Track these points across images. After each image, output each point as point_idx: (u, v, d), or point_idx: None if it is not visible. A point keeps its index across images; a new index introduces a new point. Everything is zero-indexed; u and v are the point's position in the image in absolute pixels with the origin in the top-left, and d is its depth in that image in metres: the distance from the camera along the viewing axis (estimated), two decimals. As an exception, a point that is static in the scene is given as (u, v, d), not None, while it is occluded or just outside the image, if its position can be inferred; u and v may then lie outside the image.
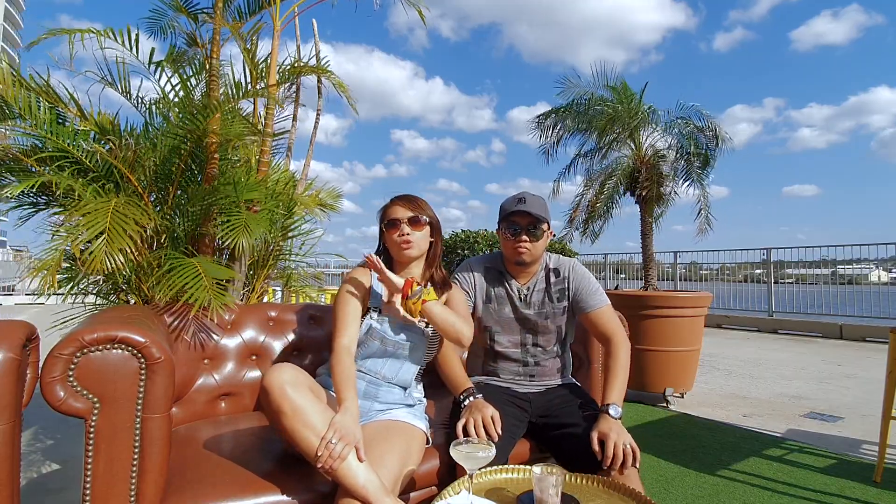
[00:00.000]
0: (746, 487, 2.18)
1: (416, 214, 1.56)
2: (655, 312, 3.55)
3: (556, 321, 1.74)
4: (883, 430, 2.22)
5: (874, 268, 9.56)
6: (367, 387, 1.50)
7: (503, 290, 1.75)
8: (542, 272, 1.77)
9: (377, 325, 1.51)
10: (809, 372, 4.69)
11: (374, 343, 1.51)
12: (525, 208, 1.65)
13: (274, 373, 1.22)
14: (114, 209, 1.71)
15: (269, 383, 1.21)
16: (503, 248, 1.76)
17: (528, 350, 1.74)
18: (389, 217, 1.58)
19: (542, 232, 1.67)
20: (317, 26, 3.04)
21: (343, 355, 1.39)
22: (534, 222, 1.66)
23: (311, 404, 1.21)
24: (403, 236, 1.54)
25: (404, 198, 1.61)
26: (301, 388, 1.22)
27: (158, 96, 2.35)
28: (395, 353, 1.53)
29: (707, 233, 4.70)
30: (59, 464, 2.37)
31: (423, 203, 1.61)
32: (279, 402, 1.18)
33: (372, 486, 1.15)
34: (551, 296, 1.74)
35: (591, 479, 1.24)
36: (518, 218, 1.67)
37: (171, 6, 2.57)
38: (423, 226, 1.58)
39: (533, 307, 1.74)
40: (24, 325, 1.09)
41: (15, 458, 1.02)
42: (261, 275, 2.50)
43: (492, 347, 1.76)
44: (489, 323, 1.75)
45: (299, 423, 1.18)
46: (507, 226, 1.69)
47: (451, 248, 7.74)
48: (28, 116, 1.88)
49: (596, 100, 4.36)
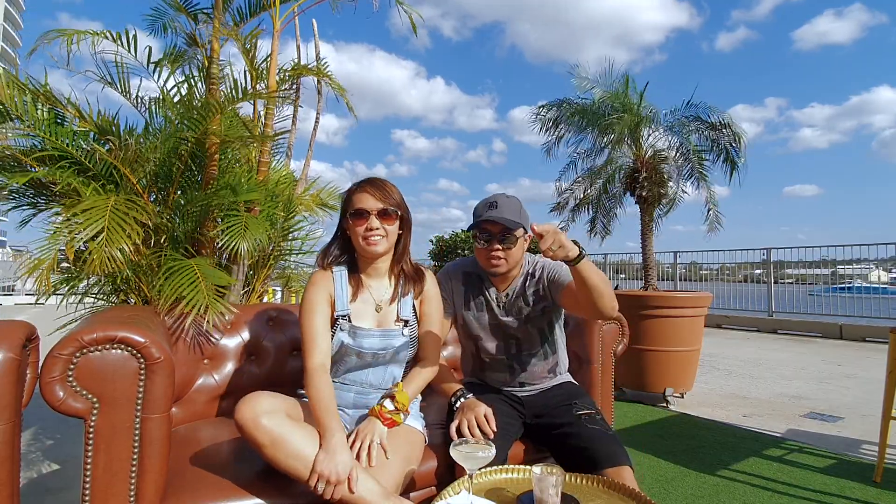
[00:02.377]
0: (746, 487, 2.18)
1: (386, 207, 1.41)
2: (655, 312, 3.55)
3: (538, 324, 1.66)
4: (883, 430, 2.22)
5: (874, 268, 9.55)
6: (356, 397, 1.45)
7: (482, 298, 1.67)
8: (521, 278, 1.67)
9: (349, 341, 1.41)
10: (809, 372, 4.69)
11: (350, 358, 1.43)
12: (496, 215, 1.52)
13: (245, 404, 1.16)
14: (113, 207, 1.70)
15: (240, 417, 1.14)
16: (477, 256, 1.65)
17: (514, 356, 1.67)
18: (356, 206, 1.42)
19: (515, 239, 1.55)
20: (317, 27, 3.04)
21: (317, 377, 1.30)
22: (505, 230, 1.53)
23: (290, 431, 1.15)
24: (372, 231, 1.40)
25: (374, 185, 1.44)
26: (277, 415, 1.16)
27: (158, 96, 2.35)
28: (377, 362, 1.45)
29: (717, 230, 4.72)
30: (59, 464, 2.37)
31: (394, 191, 1.46)
32: (254, 436, 1.13)
33: (370, 493, 1.13)
34: (528, 300, 1.65)
35: (591, 479, 1.24)
36: (489, 226, 1.54)
37: (170, 5, 2.56)
38: (393, 219, 1.44)
39: (512, 314, 1.65)
40: (24, 325, 1.09)
41: (15, 458, 1.02)
42: (261, 275, 2.50)
43: (478, 356, 1.71)
44: (474, 331, 1.69)
45: (281, 454, 1.14)
46: (479, 233, 1.57)
47: (451, 248, 7.74)
48: (26, 118, 1.88)
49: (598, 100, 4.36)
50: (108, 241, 1.61)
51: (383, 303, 1.50)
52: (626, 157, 4.48)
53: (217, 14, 2.32)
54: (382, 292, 1.51)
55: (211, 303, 1.65)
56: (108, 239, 1.62)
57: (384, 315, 1.49)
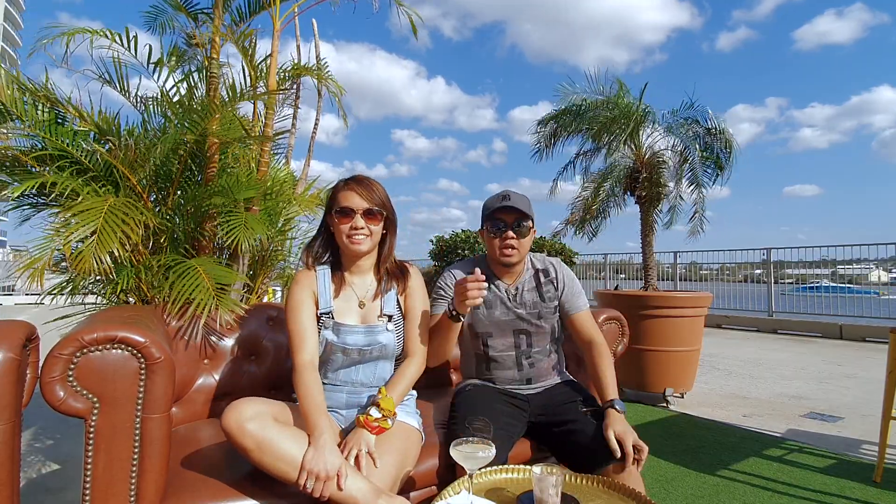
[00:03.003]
0: (746, 487, 2.18)
1: (372, 207, 1.42)
2: (655, 312, 3.55)
3: (549, 320, 1.71)
4: (883, 430, 2.22)
5: (874, 268, 9.55)
6: (348, 397, 1.44)
7: (491, 294, 1.69)
8: (529, 272, 1.74)
9: (333, 338, 1.41)
10: (809, 372, 4.69)
11: (337, 356, 1.42)
12: (510, 204, 1.61)
13: (230, 411, 1.16)
14: (109, 209, 1.70)
15: (226, 424, 1.14)
16: (488, 248, 1.72)
17: (523, 352, 1.69)
18: (342, 204, 1.42)
19: (527, 229, 1.64)
20: (317, 27, 3.04)
21: (305, 374, 1.31)
22: (519, 219, 1.62)
23: (276, 434, 1.15)
24: (357, 230, 1.41)
25: (360, 183, 1.45)
26: (262, 419, 1.16)
27: (157, 95, 2.34)
28: (364, 359, 1.44)
29: (699, 235, 4.71)
30: (59, 464, 2.37)
31: (381, 190, 1.47)
32: (240, 441, 1.13)
33: (361, 493, 1.12)
34: (542, 296, 1.71)
35: (591, 479, 1.24)
36: (503, 215, 1.63)
37: (170, 4, 2.56)
38: (378, 219, 1.45)
39: (525, 307, 1.69)
40: (24, 325, 1.09)
41: (15, 458, 1.02)
42: (260, 274, 2.50)
43: (485, 353, 1.71)
44: (481, 329, 1.70)
45: (268, 457, 1.13)
46: (492, 224, 1.65)
47: (451, 248, 7.73)
48: (26, 118, 1.88)
49: (592, 103, 4.35)
50: (98, 242, 1.61)
51: (366, 299, 1.50)
52: (627, 157, 4.48)
53: (217, 13, 2.32)
54: (365, 289, 1.51)
55: (220, 302, 1.64)
56: (99, 241, 1.61)
57: (368, 311, 1.48)
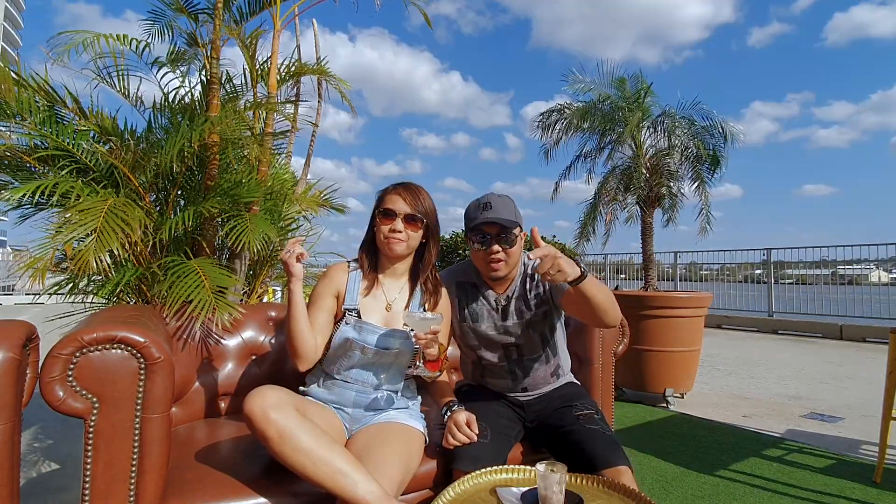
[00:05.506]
0: (746, 487, 2.18)
1: (414, 213, 1.45)
2: (655, 313, 3.55)
3: (540, 328, 1.62)
4: (883, 431, 2.22)
5: (874, 268, 9.55)
6: (356, 396, 1.44)
7: (479, 305, 1.62)
8: (520, 278, 1.63)
9: (354, 335, 1.41)
10: (809, 372, 4.68)
11: (354, 353, 1.43)
12: (492, 216, 1.47)
13: (254, 397, 1.16)
14: (109, 209, 1.70)
15: (250, 409, 1.15)
16: (474, 260, 1.59)
17: (515, 362, 1.63)
18: (386, 206, 1.46)
19: (514, 237, 1.50)
20: (316, 26, 3.04)
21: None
22: (503, 230, 1.48)
23: (298, 425, 1.15)
24: (395, 232, 1.44)
25: (408, 189, 1.48)
26: (285, 408, 1.17)
27: (159, 97, 2.35)
28: (379, 361, 1.44)
29: (707, 232, 4.71)
30: (59, 464, 2.37)
31: (426, 199, 1.49)
32: (263, 428, 1.14)
33: (372, 495, 1.12)
34: (529, 304, 1.60)
35: (592, 480, 1.24)
36: (486, 227, 1.49)
37: (170, 6, 2.56)
38: (418, 226, 1.47)
39: (512, 317, 1.60)
40: (24, 325, 1.09)
41: (15, 457, 1.01)
42: (260, 275, 2.50)
43: (479, 361, 1.68)
44: (471, 342, 1.65)
45: (288, 448, 1.13)
46: (476, 236, 1.51)
47: (451, 248, 7.69)
48: (27, 115, 1.88)
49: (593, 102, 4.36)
50: (98, 242, 1.61)
51: (394, 303, 1.51)
52: (627, 158, 4.48)
53: (218, 14, 2.32)
54: (395, 293, 1.52)
55: (219, 305, 1.65)
56: (99, 241, 1.61)
57: (393, 315, 1.49)
